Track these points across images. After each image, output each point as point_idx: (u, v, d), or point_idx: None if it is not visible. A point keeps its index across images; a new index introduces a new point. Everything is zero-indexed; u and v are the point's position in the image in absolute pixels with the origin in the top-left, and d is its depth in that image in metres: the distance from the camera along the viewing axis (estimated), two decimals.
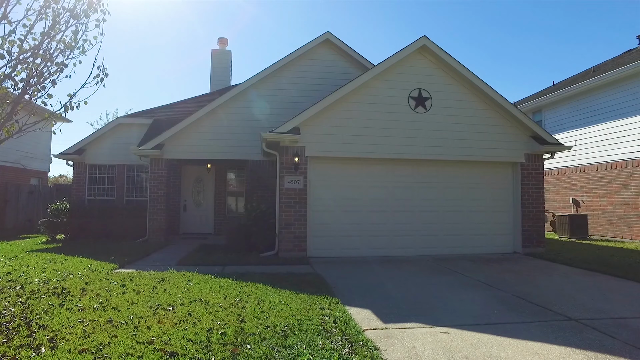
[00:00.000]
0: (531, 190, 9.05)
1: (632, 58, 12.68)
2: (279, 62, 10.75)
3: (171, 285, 5.38)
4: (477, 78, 8.77)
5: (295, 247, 8.17)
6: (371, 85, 8.64)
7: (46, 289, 4.97)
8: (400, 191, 8.85)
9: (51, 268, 6.31)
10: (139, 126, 11.88)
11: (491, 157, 8.97)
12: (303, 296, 5.02)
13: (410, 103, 8.75)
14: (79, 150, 11.50)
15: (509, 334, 3.85)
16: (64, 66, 5.05)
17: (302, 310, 4.43)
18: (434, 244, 8.85)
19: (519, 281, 6.21)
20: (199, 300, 4.62)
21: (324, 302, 4.80)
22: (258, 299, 4.79)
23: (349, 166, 8.68)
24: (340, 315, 4.30)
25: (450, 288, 5.79)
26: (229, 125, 10.63)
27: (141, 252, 8.45)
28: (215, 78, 15.32)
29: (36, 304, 4.34)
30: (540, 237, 9.00)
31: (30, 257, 7.45)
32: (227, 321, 3.94)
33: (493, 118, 9.00)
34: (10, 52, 4.46)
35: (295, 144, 8.25)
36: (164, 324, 3.81)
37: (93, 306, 4.31)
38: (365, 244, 8.61)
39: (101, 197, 11.70)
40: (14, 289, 4.91)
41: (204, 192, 12.77)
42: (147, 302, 4.51)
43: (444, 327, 4.05)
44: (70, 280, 5.47)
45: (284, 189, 8.21)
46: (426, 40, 8.64)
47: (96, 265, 6.72)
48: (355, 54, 10.97)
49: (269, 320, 4.03)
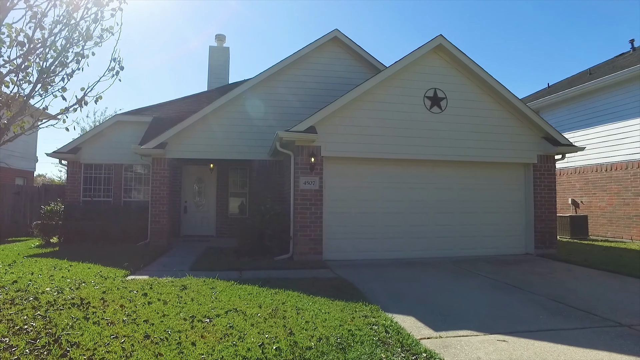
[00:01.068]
0: (544, 192, 9.07)
1: (632, 61, 12.95)
2: (285, 60, 10.45)
3: (196, 293, 5.05)
4: (491, 78, 8.72)
5: (311, 250, 7.93)
6: (387, 85, 8.48)
7: (63, 299, 4.58)
8: (415, 192, 8.72)
9: (59, 275, 5.87)
10: (137, 124, 11.37)
11: (504, 158, 8.94)
12: (339, 303, 4.79)
13: (426, 103, 8.62)
14: (73, 149, 10.91)
15: (568, 341, 3.73)
16: (80, 57, 4.66)
17: (346, 319, 4.20)
18: (449, 246, 8.76)
19: (546, 284, 6.14)
20: (234, 311, 4.32)
21: (364, 309, 4.59)
22: (295, 308, 4.53)
23: (364, 167, 8.49)
24: (388, 323, 4.09)
25: (481, 291, 5.66)
26: (234, 123, 10.27)
27: (147, 257, 8.03)
28: (212, 75, 14.91)
29: (58, 317, 3.96)
30: (553, 239, 9.02)
31: (31, 263, 6.95)
32: (274, 334, 3.67)
33: (507, 119, 8.98)
34: (31, 38, 4.08)
35: (311, 144, 8.00)
36: (208, 338, 3.51)
37: (122, 319, 3.96)
38: (380, 246, 8.44)
39: (97, 198, 11.14)
40: (27, 300, 4.49)
41: (206, 193, 12.35)
42: (179, 314, 4.19)
43: (498, 335, 3.90)
44: (86, 290, 5.07)
45: (299, 190, 7.95)
46: (442, 40, 8.53)
47: (106, 271, 6.30)
48: (365, 53, 10.79)
49: (318, 331, 3.78)
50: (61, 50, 4.54)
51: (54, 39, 4.53)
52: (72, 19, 4.49)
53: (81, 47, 4.66)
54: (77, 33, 4.49)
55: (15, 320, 3.80)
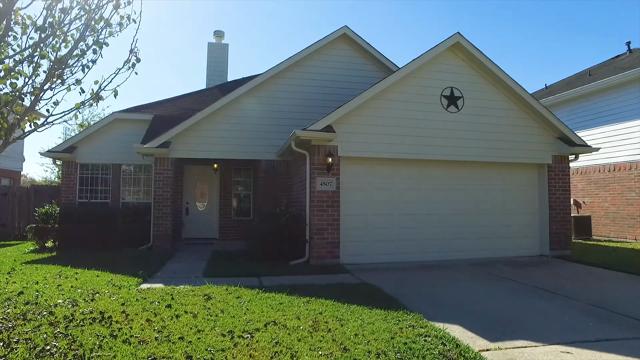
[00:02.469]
0: (558, 192, 9.00)
1: (632, 62, 13.08)
2: (293, 57, 10.10)
3: (223, 304, 4.70)
4: (507, 76, 8.58)
5: (328, 253, 7.63)
6: (403, 83, 8.25)
7: (80, 313, 4.16)
8: (431, 193, 8.52)
9: (67, 285, 5.41)
10: (136, 122, 10.85)
11: (519, 158, 8.82)
12: (379, 312, 4.52)
13: (443, 102, 8.43)
14: (69, 148, 10.32)
15: (634, 353, 3.54)
16: (99, 47, 4.25)
17: (394, 329, 3.93)
18: (465, 248, 8.59)
19: (578, 287, 6.00)
20: (273, 324, 3.99)
21: (407, 318, 4.32)
22: (336, 319, 4.23)
23: (380, 167, 8.25)
24: (440, 334, 3.84)
25: (515, 296, 5.48)
26: (240, 122, 9.89)
27: (154, 262, 7.60)
28: (211, 72, 14.49)
29: (81, 335, 3.56)
30: (567, 240, 8.96)
31: (32, 271, 6.44)
32: (328, 350, 3.37)
33: (522, 119, 8.86)
34: (43, 25, 3.66)
35: (327, 143, 7.70)
36: (258, 358, 3.18)
37: (153, 336, 3.59)
38: (397, 249, 8.21)
39: (94, 200, 10.57)
40: (41, 314, 4.06)
41: (209, 194, 11.89)
42: (214, 328, 3.84)
43: (559, 346, 3.69)
44: (102, 301, 4.66)
45: (315, 192, 7.64)
46: (460, 37, 8.35)
47: (117, 279, 5.87)
48: (375, 51, 10.54)
49: (372, 345, 3.50)
50: (79, 39, 4.13)
51: (69, 26, 4.12)
52: (92, 2, 4.08)
53: (99, 34, 4.25)
54: (99, 17, 4.08)
55: (35, 339, 3.39)
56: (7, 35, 3.82)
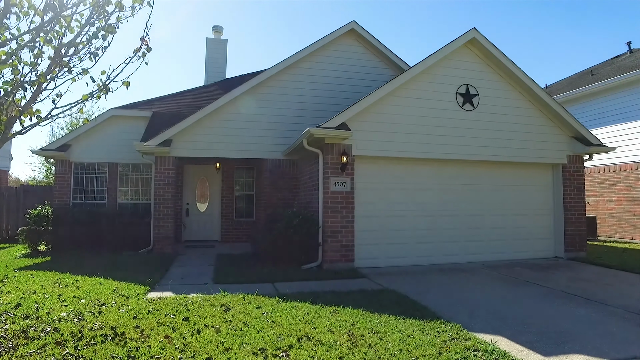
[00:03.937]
0: (573, 193, 8.81)
1: (635, 62, 13.04)
2: (299, 53, 9.71)
3: (245, 315, 4.31)
4: (524, 74, 8.36)
5: (342, 257, 7.29)
6: (418, 80, 7.94)
7: (89, 329, 3.73)
8: (446, 194, 8.25)
9: (69, 295, 4.95)
10: (135, 119, 10.34)
11: (534, 158, 8.60)
12: (414, 322, 4.19)
13: (458, 100, 8.16)
14: (62, 146, 9.75)
15: None
16: (109, 33, 3.83)
17: (438, 344, 3.61)
18: (480, 250, 8.34)
19: (608, 292, 5.76)
20: (307, 338, 3.63)
21: (447, 329, 4.01)
22: (372, 331, 3.89)
23: (394, 166, 7.94)
24: (488, 349, 3.54)
25: (548, 302, 5.21)
26: (245, 119, 9.47)
27: (157, 267, 7.16)
28: (210, 68, 14.02)
29: (93, 356, 3.15)
30: (583, 242, 8.77)
31: (27, 279, 5.94)
32: None
33: (537, 117, 8.65)
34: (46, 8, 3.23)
35: (341, 142, 7.36)
36: None
37: (177, 357, 3.19)
38: (411, 251, 7.91)
39: (90, 201, 10.03)
40: (45, 331, 3.62)
41: (210, 195, 11.42)
42: (242, 345, 3.46)
43: None
44: (111, 314, 4.22)
45: (329, 192, 7.29)
46: (476, 33, 8.09)
47: (123, 287, 5.42)
48: (384, 47, 10.21)
49: None
50: (85, 22, 3.70)
51: (75, 9, 3.68)
52: None
53: (108, 18, 3.81)
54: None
55: None
56: (5, 17, 3.39)
